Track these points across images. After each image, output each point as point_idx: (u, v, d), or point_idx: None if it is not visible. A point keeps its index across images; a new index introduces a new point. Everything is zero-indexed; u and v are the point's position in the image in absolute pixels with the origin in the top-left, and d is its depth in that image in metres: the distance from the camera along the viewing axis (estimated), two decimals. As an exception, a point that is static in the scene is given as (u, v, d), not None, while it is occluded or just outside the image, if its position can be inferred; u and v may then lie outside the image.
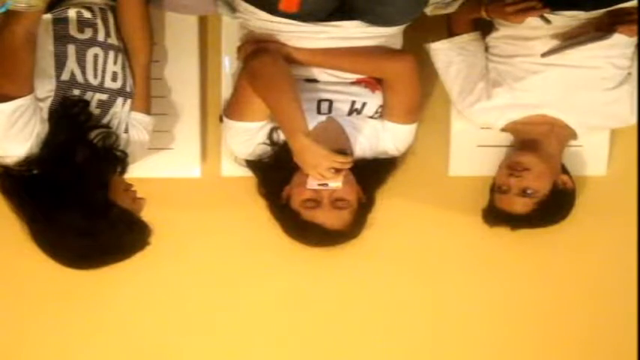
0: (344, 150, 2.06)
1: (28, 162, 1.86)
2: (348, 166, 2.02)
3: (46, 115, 1.88)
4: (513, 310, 2.48)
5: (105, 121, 2.00)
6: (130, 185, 1.97)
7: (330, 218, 2.10)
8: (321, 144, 1.97)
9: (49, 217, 1.84)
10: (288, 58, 2.10)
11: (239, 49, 2.18)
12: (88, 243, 1.85)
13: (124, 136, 2.07)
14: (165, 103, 2.30)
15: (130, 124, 2.08)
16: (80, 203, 1.82)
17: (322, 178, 2.01)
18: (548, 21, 2.08)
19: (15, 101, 1.81)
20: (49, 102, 1.89)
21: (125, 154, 2.02)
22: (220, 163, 2.39)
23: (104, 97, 1.99)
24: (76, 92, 1.93)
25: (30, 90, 1.84)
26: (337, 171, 2.01)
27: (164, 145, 2.32)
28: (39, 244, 1.87)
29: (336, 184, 2.04)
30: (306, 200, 2.09)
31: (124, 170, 2.02)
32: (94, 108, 1.97)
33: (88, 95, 1.95)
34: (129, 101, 2.06)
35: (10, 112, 1.81)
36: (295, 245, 2.20)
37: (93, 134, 1.94)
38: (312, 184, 2.05)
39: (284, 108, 2.01)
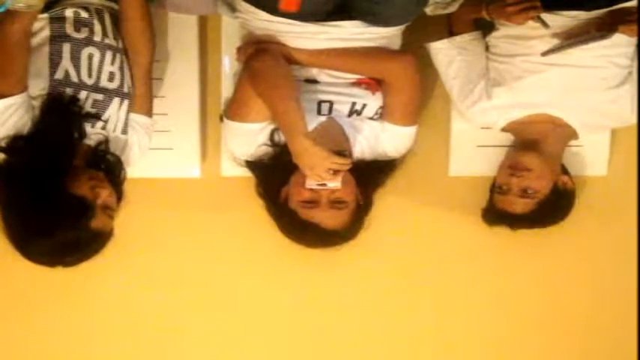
0: (343, 151, 2.06)
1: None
2: (347, 167, 2.02)
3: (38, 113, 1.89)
4: (513, 310, 2.48)
5: (102, 120, 2.00)
6: (94, 175, 1.91)
7: (327, 218, 2.10)
8: (320, 145, 1.97)
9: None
10: (289, 58, 2.10)
11: (238, 50, 2.18)
12: (22, 221, 1.83)
13: (122, 137, 2.06)
14: (165, 103, 2.30)
15: (130, 125, 2.07)
16: (26, 184, 1.81)
17: (320, 179, 2.01)
18: (546, 25, 2.08)
19: (7, 99, 1.82)
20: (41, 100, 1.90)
21: (105, 152, 2.00)
22: (220, 163, 2.38)
23: (99, 97, 1.99)
24: (69, 91, 1.93)
25: (23, 88, 1.85)
26: (336, 172, 2.01)
27: (164, 145, 2.31)
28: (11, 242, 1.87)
29: (334, 184, 2.04)
30: (305, 200, 2.09)
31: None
32: (89, 108, 1.97)
33: (82, 94, 1.95)
34: (126, 102, 2.05)
35: (2, 110, 1.82)
36: (294, 245, 2.20)
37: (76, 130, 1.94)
38: (311, 184, 2.05)
39: (284, 109, 2.01)
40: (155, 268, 2.41)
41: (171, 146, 2.34)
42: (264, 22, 2.09)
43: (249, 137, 2.15)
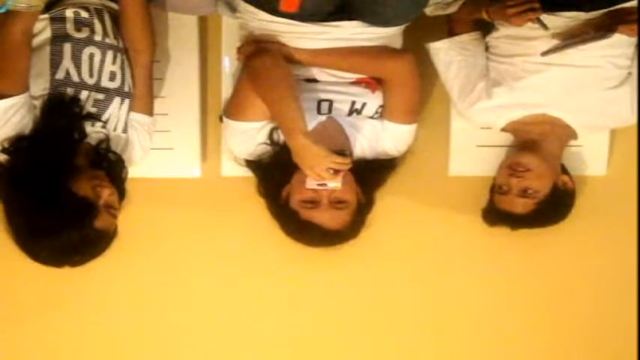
0: (343, 151, 2.06)
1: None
2: (347, 167, 2.02)
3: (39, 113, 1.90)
4: (513, 310, 2.47)
5: (102, 120, 2.00)
6: (95, 174, 1.92)
7: (328, 219, 2.10)
8: (320, 144, 1.98)
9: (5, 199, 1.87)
10: (289, 58, 2.10)
11: (239, 49, 2.18)
12: (27, 222, 1.84)
13: (122, 136, 2.07)
14: (165, 103, 2.30)
15: (130, 124, 2.08)
16: (29, 185, 1.82)
17: (320, 179, 2.02)
18: (545, 26, 2.08)
19: (9, 99, 1.83)
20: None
21: (106, 150, 2.01)
22: (220, 163, 2.39)
23: (100, 96, 2.00)
24: (70, 91, 1.94)
25: (24, 88, 1.86)
26: (336, 172, 2.01)
27: (164, 145, 2.31)
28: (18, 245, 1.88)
29: (335, 184, 2.04)
30: (306, 200, 2.09)
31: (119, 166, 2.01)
32: (89, 107, 1.97)
33: (83, 94, 1.96)
34: (127, 101, 2.06)
35: (4, 111, 1.83)
36: (295, 245, 2.20)
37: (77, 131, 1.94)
38: (312, 183, 2.05)
39: (284, 108, 2.01)
40: (155, 268, 2.41)
41: (171, 146, 2.34)
42: (265, 22, 2.09)
43: (249, 136, 2.15)
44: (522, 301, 2.47)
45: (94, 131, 1.98)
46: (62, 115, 1.91)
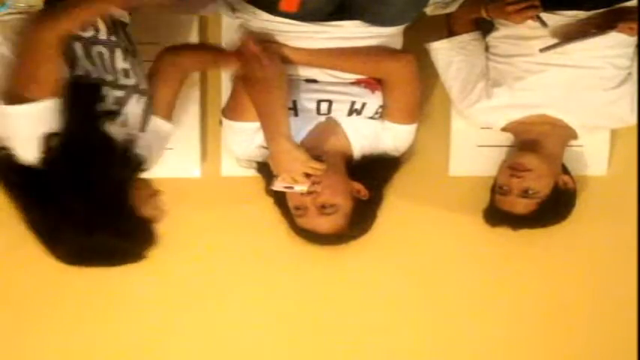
0: (319, 157, 2.06)
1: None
2: (319, 173, 2.02)
3: None
4: (513, 310, 2.48)
5: (121, 118, 1.96)
6: (156, 192, 1.90)
7: (319, 224, 2.12)
8: (300, 149, 1.99)
9: (57, 208, 1.77)
10: (288, 58, 2.10)
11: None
12: (84, 239, 1.78)
13: (140, 135, 2.02)
14: (165, 103, 2.30)
15: (149, 128, 2.03)
16: (92, 200, 1.75)
17: (294, 182, 2.02)
18: (545, 24, 2.08)
19: (41, 103, 1.73)
20: None
21: (134, 151, 1.93)
22: (220, 163, 2.39)
23: (120, 93, 1.93)
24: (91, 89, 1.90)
25: (57, 92, 1.76)
26: (307, 175, 2.01)
27: (164, 145, 2.32)
28: (37, 234, 1.81)
29: (301, 188, 2.04)
30: (293, 207, 2.10)
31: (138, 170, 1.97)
32: (111, 105, 1.91)
33: (104, 91, 1.89)
34: (143, 99, 2.02)
35: (44, 111, 1.73)
36: (294, 245, 2.21)
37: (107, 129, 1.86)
38: (279, 185, 2.05)
39: (269, 110, 2.01)
40: (155, 268, 2.39)
41: (171, 146, 2.33)
42: (265, 22, 2.09)
43: (246, 136, 2.15)
44: (523, 301, 2.47)
45: (118, 132, 1.88)
46: (88, 113, 1.83)
